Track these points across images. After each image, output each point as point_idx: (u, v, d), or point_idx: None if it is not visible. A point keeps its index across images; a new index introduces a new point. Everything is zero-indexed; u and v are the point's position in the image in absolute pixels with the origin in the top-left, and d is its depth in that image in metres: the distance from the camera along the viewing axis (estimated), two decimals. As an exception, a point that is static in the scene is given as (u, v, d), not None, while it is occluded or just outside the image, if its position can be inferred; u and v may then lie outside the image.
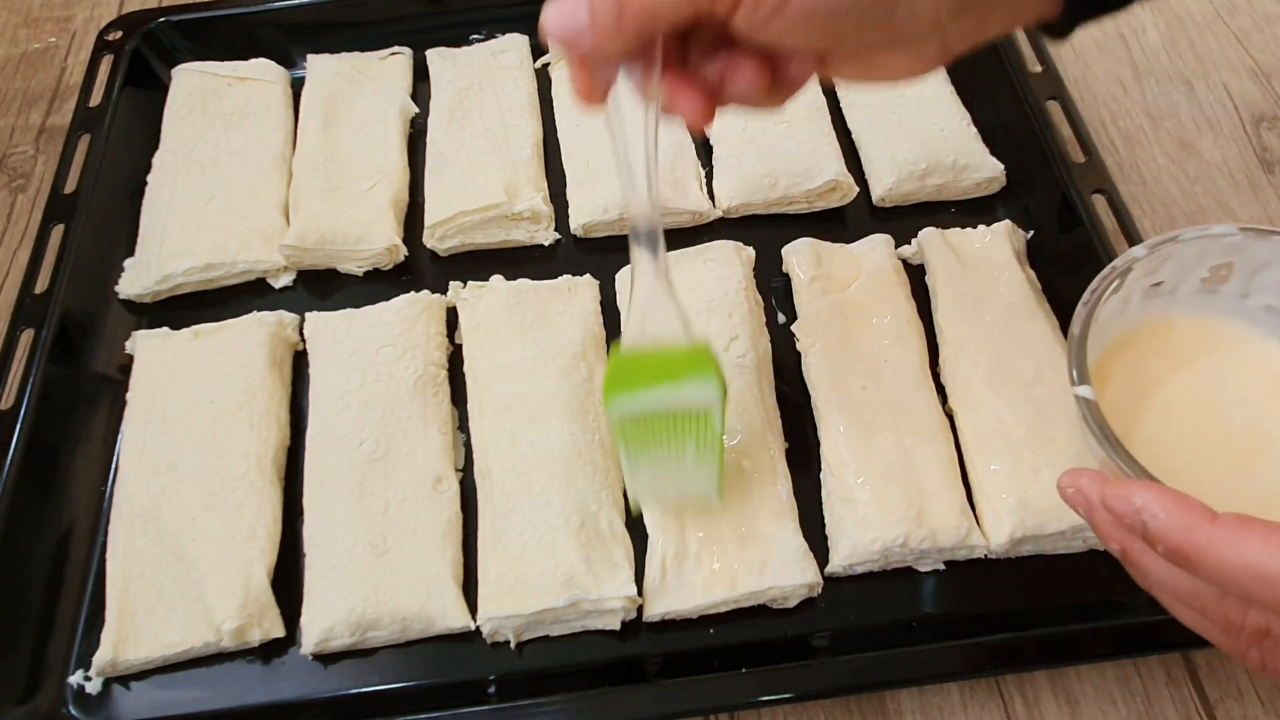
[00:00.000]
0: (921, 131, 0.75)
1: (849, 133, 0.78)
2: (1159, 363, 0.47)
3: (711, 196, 0.75)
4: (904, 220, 0.74)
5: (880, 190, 0.74)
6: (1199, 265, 0.46)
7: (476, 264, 0.73)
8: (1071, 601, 0.57)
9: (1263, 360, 0.46)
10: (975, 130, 0.76)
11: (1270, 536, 0.33)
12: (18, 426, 0.63)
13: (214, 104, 0.80)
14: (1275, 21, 0.88)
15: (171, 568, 0.58)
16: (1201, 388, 0.46)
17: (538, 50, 0.84)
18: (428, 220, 0.73)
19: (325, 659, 0.57)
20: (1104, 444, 0.41)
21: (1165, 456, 0.43)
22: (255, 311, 0.69)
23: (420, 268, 0.74)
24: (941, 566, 0.59)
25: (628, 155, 0.46)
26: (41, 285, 0.69)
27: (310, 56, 0.83)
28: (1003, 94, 0.77)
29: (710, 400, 0.50)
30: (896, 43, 0.41)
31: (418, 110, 0.81)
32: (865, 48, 0.42)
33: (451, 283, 0.70)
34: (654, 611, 0.56)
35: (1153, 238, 0.46)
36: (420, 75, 0.84)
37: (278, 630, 0.57)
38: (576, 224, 0.73)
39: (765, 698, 0.54)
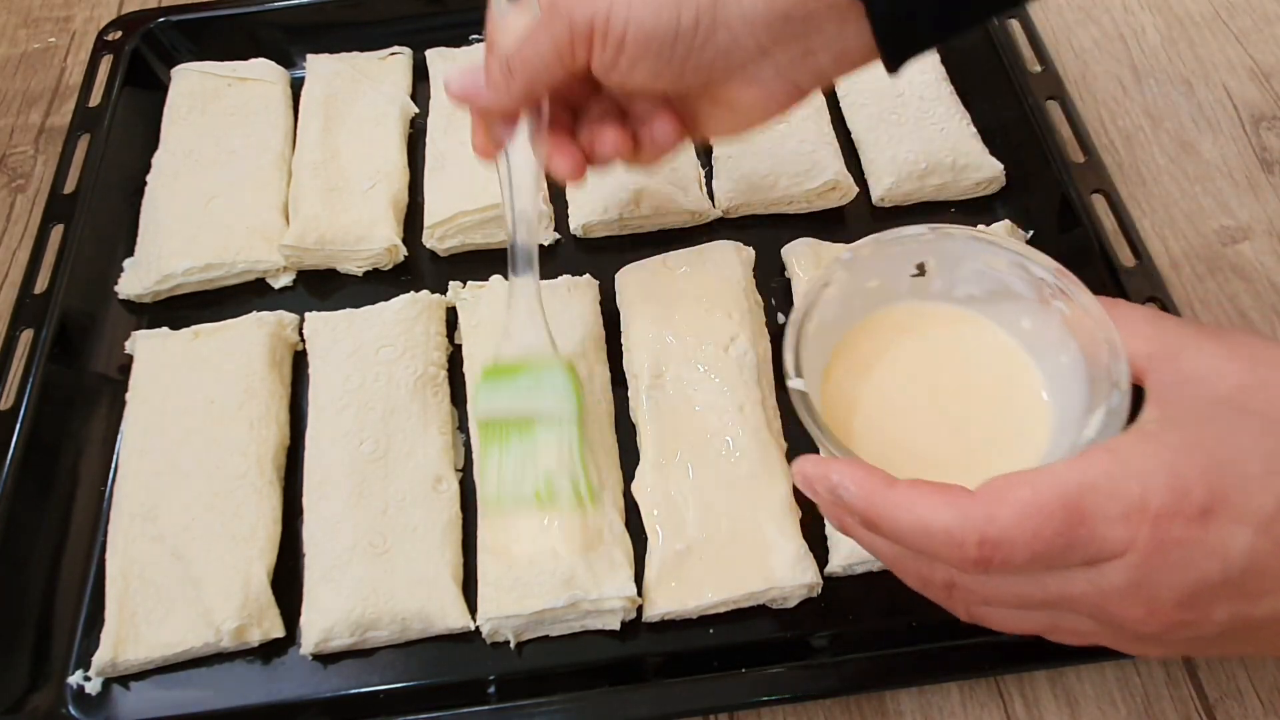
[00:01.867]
0: (921, 131, 0.75)
1: (849, 133, 0.78)
2: (878, 350, 0.50)
3: (711, 196, 0.75)
4: (904, 220, 0.73)
5: (880, 190, 0.74)
6: (905, 263, 0.50)
7: (476, 264, 0.73)
8: (1071, 601, 0.57)
9: (968, 336, 0.50)
10: (975, 130, 0.76)
11: (932, 495, 0.37)
12: (17, 426, 0.63)
13: (214, 104, 0.80)
14: (1275, 21, 0.88)
15: (171, 568, 0.58)
16: (915, 367, 0.49)
17: (537, 50, 0.84)
18: (427, 220, 0.73)
19: (325, 659, 0.57)
20: (812, 428, 0.44)
21: (884, 434, 0.46)
22: (255, 311, 0.69)
23: (420, 268, 0.74)
24: (941, 566, 0.59)
25: (514, 200, 0.56)
26: (41, 285, 0.69)
27: (310, 56, 0.83)
28: (1002, 94, 0.77)
29: (567, 413, 0.57)
30: (734, 73, 0.48)
31: (418, 110, 0.81)
32: (708, 81, 0.48)
33: (451, 283, 0.70)
34: (654, 612, 0.56)
35: (854, 243, 0.49)
36: (420, 75, 0.84)
37: (277, 630, 0.57)
38: (576, 224, 0.73)
39: (765, 698, 0.54)
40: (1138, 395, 0.40)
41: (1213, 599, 0.35)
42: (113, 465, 0.64)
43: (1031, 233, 0.71)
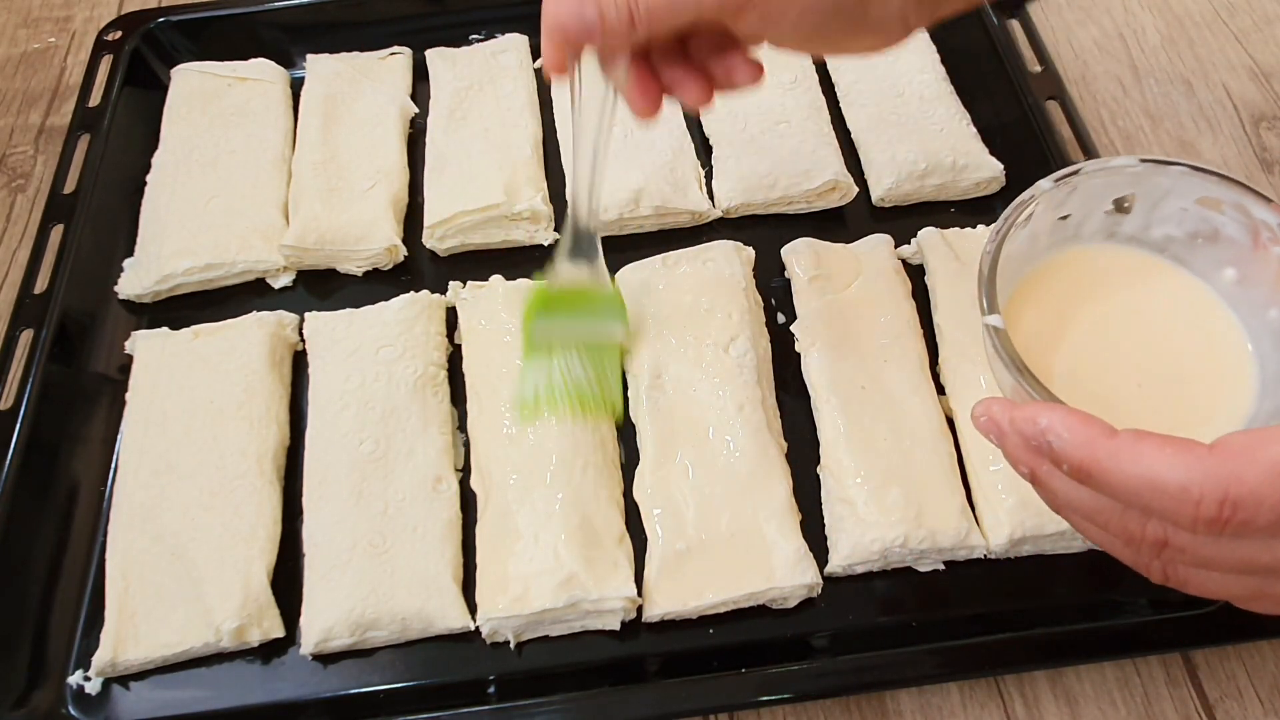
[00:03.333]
0: (921, 131, 0.75)
1: (849, 133, 0.78)
2: (1070, 296, 0.48)
3: (711, 197, 0.75)
4: (904, 220, 0.74)
5: (880, 190, 0.74)
6: (1104, 197, 0.48)
7: (476, 264, 0.73)
8: (1071, 601, 0.57)
9: (1164, 287, 0.48)
10: (975, 130, 0.76)
11: (1164, 448, 0.35)
12: (17, 426, 0.63)
13: (214, 104, 0.80)
14: (1275, 21, 0.88)
15: (171, 567, 0.58)
16: (1111, 317, 0.47)
17: (537, 50, 0.84)
18: (427, 220, 0.73)
19: (325, 659, 0.57)
20: (1011, 370, 0.41)
21: (1078, 384, 0.44)
22: (255, 311, 0.69)
23: (420, 268, 0.74)
24: (941, 566, 0.59)
25: (586, 127, 0.51)
26: (41, 285, 0.69)
27: (310, 56, 0.83)
28: (1003, 94, 0.77)
29: (617, 334, 0.63)
30: (868, 32, 0.47)
31: (417, 110, 0.81)
32: (842, 40, 0.48)
33: (451, 283, 0.70)
34: (653, 612, 0.56)
35: (1059, 172, 0.47)
36: (420, 75, 0.83)
37: (277, 630, 0.57)
38: (576, 224, 0.73)
39: (765, 698, 0.54)
40: None
41: None
42: (112, 465, 0.64)
43: (1031, 233, 0.71)
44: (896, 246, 0.70)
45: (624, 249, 0.72)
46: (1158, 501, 0.35)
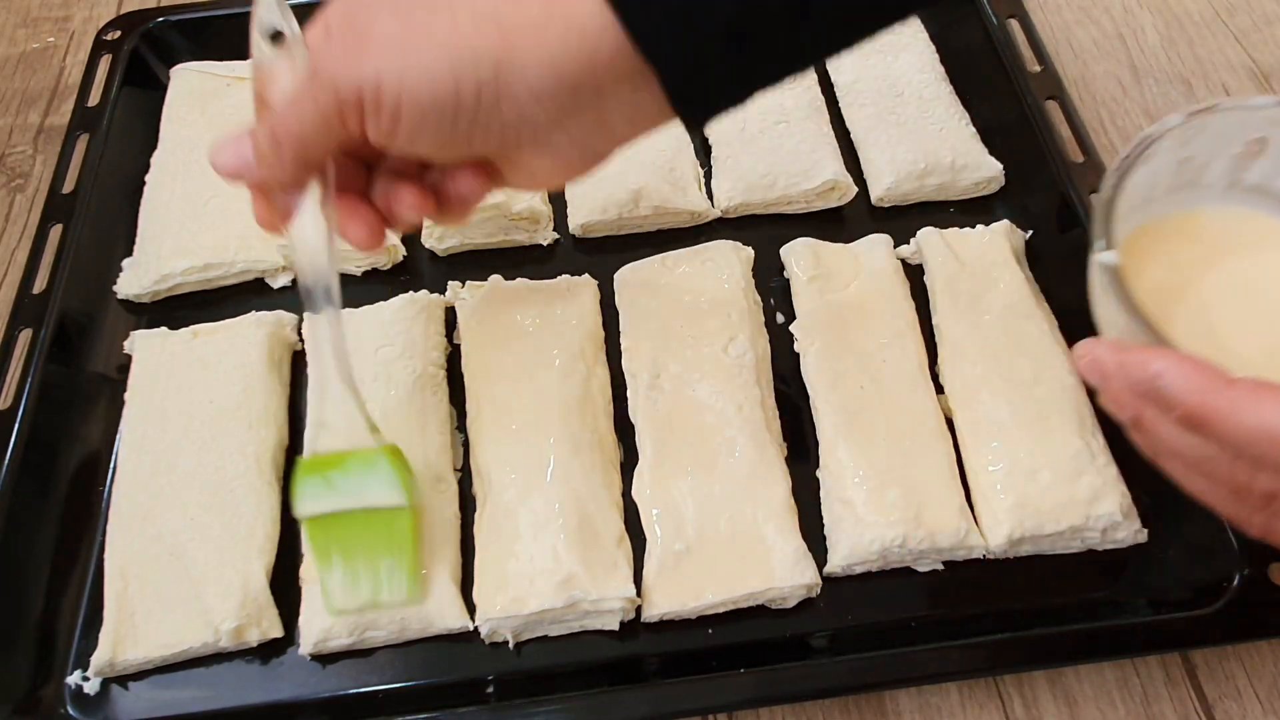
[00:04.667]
0: (920, 131, 0.75)
1: (848, 133, 0.78)
2: (1189, 257, 0.46)
3: (710, 196, 0.75)
4: (903, 220, 0.74)
5: (879, 190, 0.74)
6: (1234, 139, 0.45)
7: (475, 264, 0.73)
8: (1070, 601, 0.57)
9: None
10: (974, 130, 0.76)
11: None
12: (16, 426, 0.63)
13: (213, 104, 0.80)
14: (1275, 21, 0.88)
15: (170, 567, 0.58)
16: (1234, 280, 0.45)
17: (537, 50, 0.84)
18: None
19: (324, 659, 0.57)
20: (1125, 310, 0.39)
21: (1197, 343, 0.42)
22: (254, 311, 0.69)
23: (419, 267, 0.74)
24: (940, 566, 0.59)
25: (309, 272, 0.50)
26: (40, 285, 0.69)
27: (309, 56, 0.83)
28: (1002, 94, 0.77)
29: (398, 502, 0.55)
30: (525, 144, 0.44)
31: (417, 110, 0.81)
32: (499, 148, 0.44)
33: (450, 282, 0.70)
34: (652, 612, 0.56)
35: (1192, 107, 0.44)
36: (419, 75, 0.83)
37: (276, 630, 0.57)
38: (575, 224, 0.73)
39: (764, 698, 0.54)
40: None
41: None
42: (111, 465, 0.64)
43: (1031, 233, 0.71)
44: (896, 246, 0.70)
45: (623, 249, 0.72)
46: (1275, 452, 0.34)
